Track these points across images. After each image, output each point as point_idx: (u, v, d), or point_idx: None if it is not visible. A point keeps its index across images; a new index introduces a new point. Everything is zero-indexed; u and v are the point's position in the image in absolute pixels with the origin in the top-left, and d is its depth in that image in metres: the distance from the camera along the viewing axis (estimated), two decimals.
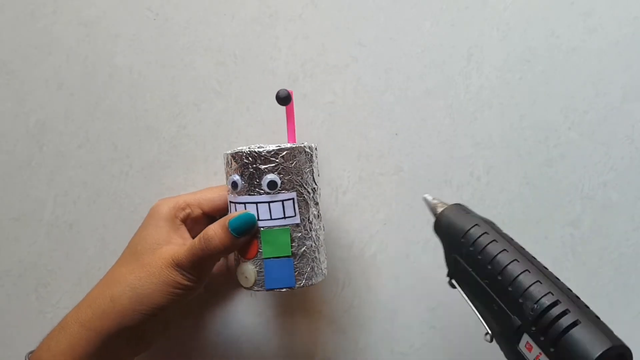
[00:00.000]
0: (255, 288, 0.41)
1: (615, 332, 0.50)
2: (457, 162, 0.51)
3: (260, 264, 0.41)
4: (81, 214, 0.51)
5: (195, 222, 0.46)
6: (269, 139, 0.50)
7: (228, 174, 0.42)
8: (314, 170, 0.43)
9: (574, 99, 0.50)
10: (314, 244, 0.42)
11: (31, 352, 0.42)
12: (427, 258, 0.50)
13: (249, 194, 0.41)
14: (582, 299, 0.32)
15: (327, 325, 0.51)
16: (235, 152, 0.41)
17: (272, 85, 0.51)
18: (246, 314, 0.51)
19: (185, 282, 0.41)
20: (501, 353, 0.36)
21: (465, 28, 0.50)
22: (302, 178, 0.41)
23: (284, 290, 0.41)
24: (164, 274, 0.41)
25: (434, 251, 0.50)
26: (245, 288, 0.42)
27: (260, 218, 0.41)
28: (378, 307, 0.51)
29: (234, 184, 0.41)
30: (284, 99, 0.42)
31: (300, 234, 0.41)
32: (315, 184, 0.43)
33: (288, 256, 0.41)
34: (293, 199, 0.41)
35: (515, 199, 0.50)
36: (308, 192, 0.42)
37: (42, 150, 0.51)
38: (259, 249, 0.41)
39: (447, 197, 0.50)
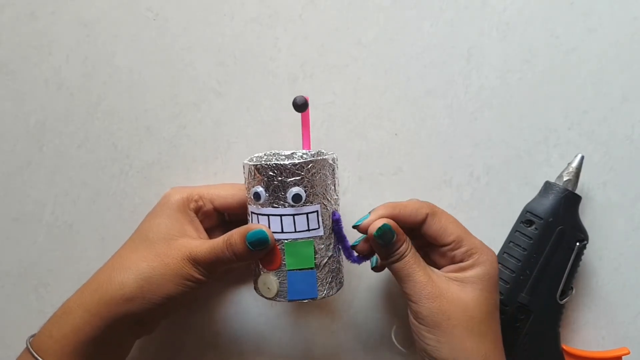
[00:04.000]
0: (278, 299, 0.41)
1: (615, 332, 0.50)
2: (456, 162, 0.51)
3: (283, 275, 0.41)
4: (81, 214, 0.51)
5: (206, 215, 0.46)
6: (268, 139, 0.50)
7: (250, 185, 0.41)
8: (336, 181, 0.42)
9: (574, 99, 0.50)
10: (335, 254, 0.42)
11: (32, 336, 0.42)
12: None
13: (273, 206, 0.40)
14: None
15: (327, 325, 0.51)
16: (260, 165, 0.40)
17: (272, 85, 0.51)
18: (246, 314, 0.51)
19: (199, 277, 0.41)
20: None
21: (464, 28, 0.50)
22: (325, 190, 0.41)
23: (305, 301, 0.41)
24: (179, 266, 0.41)
25: None
26: (266, 298, 0.42)
27: (284, 230, 0.40)
28: (378, 307, 0.51)
29: (257, 196, 0.40)
30: (301, 106, 0.41)
31: (323, 246, 0.41)
32: (337, 195, 0.42)
33: (311, 268, 0.41)
34: (317, 211, 0.40)
35: (515, 199, 0.50)
36: (330, 203, 0.41)
37: (42, 150, 0.51)
38: (282, 260, 0.41)
39: (447, 197, 0.50)
